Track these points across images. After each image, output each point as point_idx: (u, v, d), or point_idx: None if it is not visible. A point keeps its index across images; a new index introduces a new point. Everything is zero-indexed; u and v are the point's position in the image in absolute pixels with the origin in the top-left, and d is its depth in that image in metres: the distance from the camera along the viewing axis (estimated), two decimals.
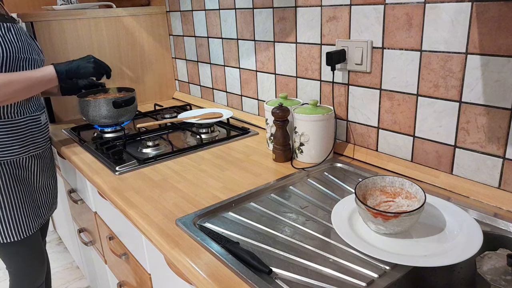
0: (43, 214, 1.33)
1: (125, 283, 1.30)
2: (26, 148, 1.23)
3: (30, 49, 1.21)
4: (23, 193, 1.24)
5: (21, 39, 1.18)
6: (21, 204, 1.24)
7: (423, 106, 0.98)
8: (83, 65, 1.27)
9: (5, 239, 1.23)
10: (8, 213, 1.22)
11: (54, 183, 1.41)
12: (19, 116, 1.20)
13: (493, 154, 0.88)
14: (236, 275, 0.70)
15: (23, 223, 1.25)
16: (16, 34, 1.17)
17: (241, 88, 1.60)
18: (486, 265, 0.66)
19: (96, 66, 1.30)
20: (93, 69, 1.29)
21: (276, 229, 0.84)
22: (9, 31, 1.15)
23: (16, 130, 1.20)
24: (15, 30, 1.18)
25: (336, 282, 0.68)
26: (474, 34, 0.85)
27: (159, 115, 1.70)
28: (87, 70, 1.28)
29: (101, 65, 1.32)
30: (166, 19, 1.94)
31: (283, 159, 1.17)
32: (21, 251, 1.29)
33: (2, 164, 1.18)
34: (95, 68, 1.29)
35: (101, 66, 1.32)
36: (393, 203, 0.83)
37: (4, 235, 1.23)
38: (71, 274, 2.08)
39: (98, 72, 1.31)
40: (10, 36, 1.15)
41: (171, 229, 0.85)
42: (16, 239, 1.25)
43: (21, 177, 1.24)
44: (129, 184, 1.08)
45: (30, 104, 1.24)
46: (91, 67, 1.28)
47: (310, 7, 1.19)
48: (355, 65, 1.10)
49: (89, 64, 1.28)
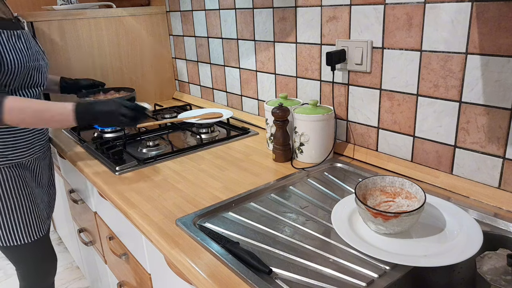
0: (49, 213, 1.34)
1: (125, 283, 1.30)
2: (32, 150, 1.23)
3: (37, 55, 1.19)
4: (31, 195, 1.23)
5: (30, 46, 1.16)
6: (32, 205, 1.23)
7: (423, 106, 0.98)
8: (109, 118, 1.06)
9: (20, 240, 1.21)
10: (19, 215, 1.20)
11: (54, 182, 1.42)
12: None
13: (493, 154, 0.88)
14: (236, 275, 0.70)
15: (37, 224, 1.24)
16: (25, 41, 1.15)
17: (241, 88, 1.60)
18: (486, 265, 0.66)
19: (127, 121, 1.07)
20: (120, 123, 1.07)
21: (276, 229, 0.84)
22: (19, 39, 1.13)
23: (25, 132, 1.20)
24: (25, 37, 1.16)
25: (336, 282, 0.68)
26: (474, 34, 0.85)
27: (159, 115, 1.70)
28: (112, 124, 1.10)
29: (135, 116, 1.08)
30: (166, 19, 1.94)
31: (283, 159, 1.17)
32: (35, 252, 1.27)
33: (10, 167, 1.17)
34: (124, 121, 1.07)
35: (135, 118, 1.08)
36: (393, 203, 0.83)
37: (20, 237, 1.21)
38: (71, 274, 2.08)
39: (130, 124, 1.10)
40: (20, 44, 1.12)
41: (171, 229, 0.85)
42: (31, 240, 1.23)
43: (30, 178, 1.23)
44: (129, 184, 1.08)
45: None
46: (118, 121, 1.06)
47: (310, 7, 1.19)
48: (355, 65, 1.10)
49: (114, 116, 1.05)
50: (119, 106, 1.06)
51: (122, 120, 1.06)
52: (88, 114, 1.06)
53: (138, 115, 1.09)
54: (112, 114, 1.06)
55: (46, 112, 1.04)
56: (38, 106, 1.04)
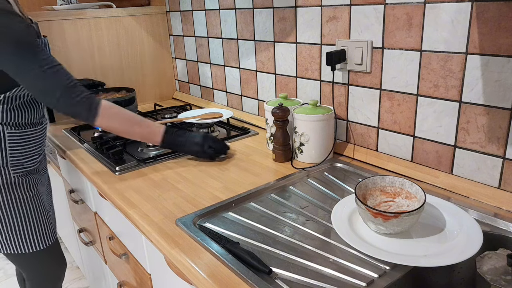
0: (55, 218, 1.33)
1: (125, 283, 1.30)
2: (42, 156, 1.23)
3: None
4: (44, 200, 1.22)
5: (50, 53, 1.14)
6: (45, 212, 1.22)
7: (423, 106, 0.98)
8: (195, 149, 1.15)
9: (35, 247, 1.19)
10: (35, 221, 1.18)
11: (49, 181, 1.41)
12: (39, 125, 1.20)
13: (493, 154, 0.88)
14: (236, 275, 0.70)
15: (50, 230, 1.23)
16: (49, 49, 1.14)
17: (241, 88, 1.60)
18: (486, 265, 0.66)
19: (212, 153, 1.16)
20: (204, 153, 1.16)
21: (276, 229, 0.84)
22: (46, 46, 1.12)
23: (37, 139, 1.19)
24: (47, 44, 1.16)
25: (336, 282, 0.68)
26: (474, 34, 0.85)
27: (159, 115, 1.70)
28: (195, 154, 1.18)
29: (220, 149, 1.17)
30: (166, 19, 1.94)
31: (283, 159, 1.17)
32: (46, 259, 1.26)
33: (26, 174, 1.16)
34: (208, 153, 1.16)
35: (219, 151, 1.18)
36: (393, 203, 0.83)
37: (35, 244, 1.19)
38: (71, 274, 2.08)
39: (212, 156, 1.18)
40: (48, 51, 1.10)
41: (171, 229, 0.85)
42: (44, 247, 1.22)
43: (40, 184, 1.21)
44: (129, 184, 1.08)
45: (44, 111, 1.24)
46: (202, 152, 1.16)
47: (310, 7, 1.19)
48: (355, 65, 1.10)
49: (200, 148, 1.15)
50: (207, 139, 1.16)
51: (207, 152, 1.16)
52: (175, 143, 1.16)
53: (223, 148, 1.19)
54: (199, 146, 1.16)
55: (137, 126, 1.09)
56: (132, 117, 1.09)
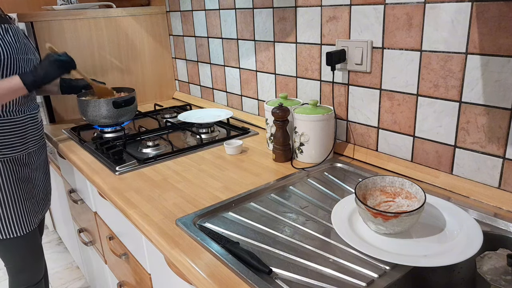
0: (40, 210, 1.36)
1: (125, 283, 1.30)
2: (25, 145, 1.26)
3: (26, 49, 1.24)
4: (24, 189, 1.27)
5: (18, 40, 1.21)
6: (22, 200, 1.27)
7: (423, 106, 0.98)
8: (49, 70, 1.22)
9: (8, 234, 1.26)
10: (10, 209, 1.24)
11: (48, 179, 1.43)
12: (20, 114, 1.23)
13: (493, 154, 0.88)
14: (236, 275, 0.70)
15: (25, 219, 1.28)
16: (14, 35, 1.19)
17: (241, 88, 1.60)
18: (486, 265, 0.66)
19: (60, 68, 1.24)
20: (58, 71, 1.24)
21: (276, 229, 0.84)
22: (7, 32, 1.18)
23: (17, 128, 1.23)
24: (13, 31, 1.20)
25: (336, 282, 0.68)
26: (474, 34, 0.85)
27: (159, 115, 1.70)
28: (53, 75, 1.23)
29: (64, 64, 1.25)
30: (166, 19, 1.94)
31: (283, 159, 1.17)
32: (21, 247, 1.32)
33: (4, 161, 1.21)
34: (60, 69, 1.24)
35: (64, 66, 1.26)
36: (393, 203, 0.83)
37: (8, 231, 1.26)
38: (71, 274, 2.08)
39: (64, 72, 1.27)
40: (9, 37, 1.17)
41: (171, 229, 0.85)
42: (18, 235, 1.27)
43: (21, 174, 1.26)
44: (129, 184, 1.08)
45: (28, 103, 1.28)
46: (56, 72, 1.23)
47: (310, 7, 1.19)
48: (355, 65, 1.10)
49: (52, 67, 1.22)
50: (50, 55, 1.24)
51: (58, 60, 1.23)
52: (36, 80, 1.19)
53: (68, 58, 1.26)
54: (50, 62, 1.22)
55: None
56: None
